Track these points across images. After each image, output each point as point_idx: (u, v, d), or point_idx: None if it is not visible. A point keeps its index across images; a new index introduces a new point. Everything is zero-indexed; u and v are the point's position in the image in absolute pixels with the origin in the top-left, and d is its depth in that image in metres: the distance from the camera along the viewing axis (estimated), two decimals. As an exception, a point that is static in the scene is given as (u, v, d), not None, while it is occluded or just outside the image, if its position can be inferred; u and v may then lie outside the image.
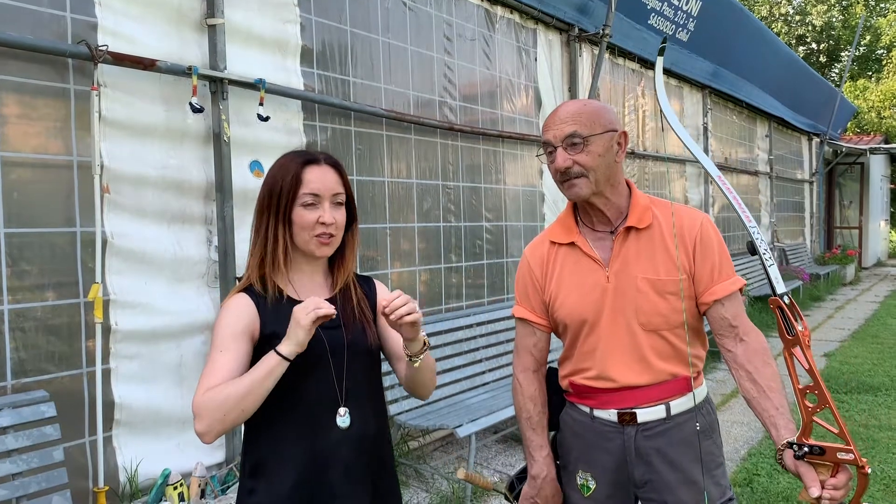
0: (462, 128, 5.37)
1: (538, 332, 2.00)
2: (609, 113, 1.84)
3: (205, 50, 3.63)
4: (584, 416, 1.93)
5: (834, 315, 10.78)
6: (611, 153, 1.82)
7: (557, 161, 1.80)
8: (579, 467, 1.94)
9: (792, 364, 1.60)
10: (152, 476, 3.32)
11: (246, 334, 1.66)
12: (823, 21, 25.06)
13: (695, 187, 9.65)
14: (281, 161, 1.76)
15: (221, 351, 1.63)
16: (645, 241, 1.86)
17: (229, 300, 1.71)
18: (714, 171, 1.88)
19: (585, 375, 1.90)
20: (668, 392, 1.85)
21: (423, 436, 4.83)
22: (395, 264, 4.86)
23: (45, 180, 3.10)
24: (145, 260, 3.38)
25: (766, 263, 1.69)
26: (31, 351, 3.03)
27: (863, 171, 18.11)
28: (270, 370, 1.57)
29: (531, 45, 6.28)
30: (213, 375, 1.59)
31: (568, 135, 1.78)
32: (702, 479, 1.86)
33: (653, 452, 1.85)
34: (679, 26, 8.10)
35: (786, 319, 1.60)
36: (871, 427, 5.22)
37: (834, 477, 1.52)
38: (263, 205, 1.72)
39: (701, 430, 1.88)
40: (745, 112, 11.59)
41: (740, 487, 4.18)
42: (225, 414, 1.55)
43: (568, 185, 1.83)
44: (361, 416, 1.73)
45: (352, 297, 1.80)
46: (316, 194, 1.69)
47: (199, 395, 1.57)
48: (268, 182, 1.73)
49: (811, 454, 1.54)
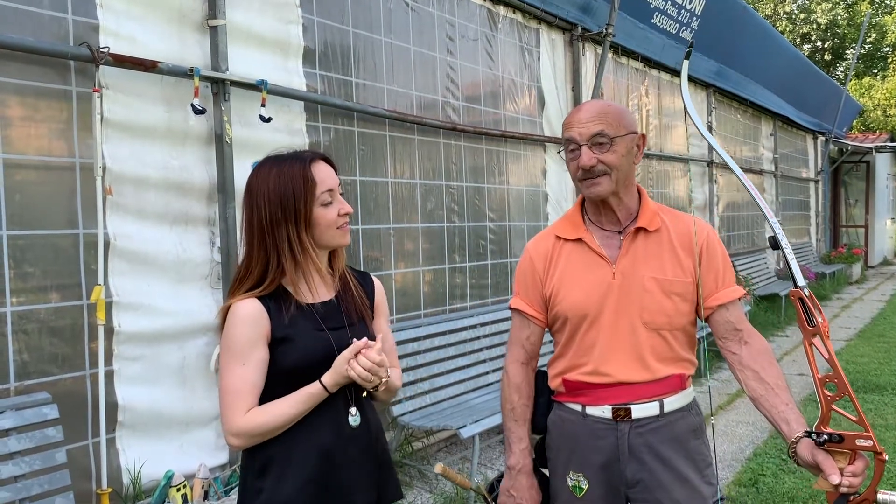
0: (465, 128, 5.36)
1: (532, 325, 2.02)
2: (630, 115, 1.90)
3: (206, 51, 3.63)
4: (574, 415, 1.94)
5: (840, 314, 10.74)
6: (631, 155, 1.88)
7: (583, 159, 1.82)
8: (570, 468, 1.94)
9: (812, 354, 1.65)
10: (155, 478, 3.32)
11: (262, 341, 1.67)
12: (828, 19, 24.97)
13: (699, 186, 9.62)
14: (274, 170, 1.71)
15: (244, 364, 1.65)
16: (653, 243, 1.90)
17: (239, 308, 1.68)
18: (739, 173, 1.97)
19: (581, 371, 1.91)
20: (663, 389, 1.88)
21: (426, 436, 4.82)
22: (398, 265, 4.85)
23: (48, 182, 3.10)
24: (148, 261, 3.38)
25: (788, 257, 1.75)
26: (34, 353, 3.03)
27: (868, 170, 18.04)
28: (314, 401, 1.67)
29: (534, 45, 6.26)
30: (244, 394, 1.65)
31: (595, 133, 1.81)
32: (693, 477, 1.88)
33: (645, 450, 1.86)
34: (683, 25, 8.08)
35: (807, 310, 1.65)
36: (877, 426, 5.19)
37: (852, 464, 1.53)
38: (276, 218, 1.68)
39: (692, 429, 1.91)
40: (749, 111, 11.56)
41: (745, 487, 4.16)
42: (266, 436, 1.67)
43: (590, 184, 1.86)
44: (367, 413, 1.80)
45: (353, 296, 1.83)
46: (332, 190, 1.73)
47: (240, 418, 1.63)
48: (273, 193, 1.69)
49: (831, 442, 1.55)
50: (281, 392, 1.68)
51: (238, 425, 1.63)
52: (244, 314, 1.67)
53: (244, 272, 1.74)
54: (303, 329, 1.71)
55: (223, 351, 1.69)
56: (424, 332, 4.75)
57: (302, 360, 1.69)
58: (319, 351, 1.70)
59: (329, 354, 1.70)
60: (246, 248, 1.75)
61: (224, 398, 1.66)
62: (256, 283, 1.71)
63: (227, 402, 1.65)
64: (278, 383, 1.69)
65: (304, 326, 1.71)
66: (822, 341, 1.62)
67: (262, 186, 1.70)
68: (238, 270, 1.77)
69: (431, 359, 4.71)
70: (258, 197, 1.71)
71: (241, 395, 1.64)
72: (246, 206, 1.74)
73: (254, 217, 1.72)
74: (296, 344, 1.69)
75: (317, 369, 1.69)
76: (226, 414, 1.65)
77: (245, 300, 1.69)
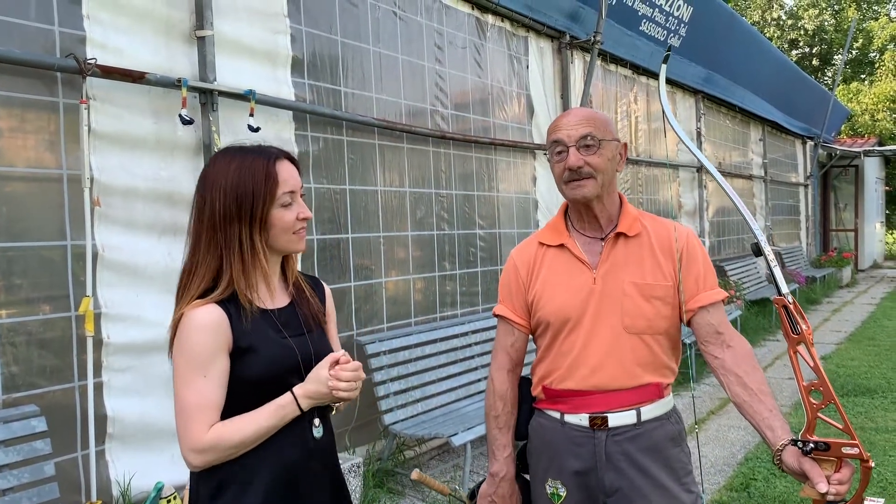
0: (454, 136, 5.38)
1: (516, 331, 2.04)
2: (614, 124, 1.95)
3: (194, 61, 3.63)
4: (553, 423, 1.94)
5: (830, 318, 10.78)
6: (614, 161, 1.91)
7: (570, 160, 1.85)
8: (549, 475, 1.95)
9: (797, 361, 1.64)
10: (145, 489, 3.30)
11: (223, 351, 1.54)
12: (815, 25, 25.14)
13: (688, 192, 9.66)
14: (235, 161, 1.59)
15: (205, 376, 1.51)
16: (634, 248, 1.92)
17: (197, 314, 1.52)
18: (720, 178, 1.98)
19: (560, 376, 1.91)
20: (640, 398, 1.88)
21: (418, 445, 4.82)
22: (389, 273, 4.86)
23: (36, 194, 3.10)
24: (136, 272, 3.37)
25: (772, 264, 1.76)
26: (22, 365, 3.02)
27: (857, 174, 18.15)
28: (284, 417, 1.56)
29: (523, 53, 6.29)
30: (206, 408, 1.51)
31: (583, 135, 1.85)
32: (671, 485, 1.88)
33: (622, 458, 1.86)
34: (671, 32, 8.13)
35: (791, 318, 1.64)
36: (867, 429, 5.21)
37: (838, 472, 1.54)
38: (230, 214, 1.56)
39: (670, 437, 1.91)
40: (738, 116, 11.62)
41: (737, 492, 4.17)
42: (230, 455, 1.54)
43: (575, 185, 1.88)
44: (327, 424, 1.72)
45: (308, 302, 1.74)
46: (293, 191, 1.62)
47: (203, 434, 1.49)
48: (230, 186, 1.56)
49: (817, 450, 1.55)
50: (242, 405, 1.55)
51: (203, 441, 1.49)
52: (204, 322, 1.52)
53: (189, 272, 1.59)
54: (265, 337, 1.58)
55: (179, 363, 1.52)
56: (415, 339, 4.75)
57: (267, 371, 1.57)
58: (285, 360, 1.59)
59: (293, 363, 1.60)
60: (192, 244, 1.61)
61: (183, 413, 1.50)
62: (210, 287, 1.57)
63: (187, 416, 1.50)
64: (239, 396, 1.55)
65: (266, 334, 1.59)
66: (806, 349, 1.61)
67: (220, 178, 1.58)
68: (182, 272, 1.61)
69: (422, 367, 4.71)
70: (213, 188, 1.58)
71: (204, 410, 1.50)
72: (198, 197, 1.61)
73: (205, 209, 1.58)
74: (259, 353, 1.56)
75: (284, 379, 1.58)
76: (187, 428, 1.50)
77: (203, 306, 1.53)
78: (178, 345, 1.53)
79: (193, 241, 1.60)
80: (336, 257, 4.45)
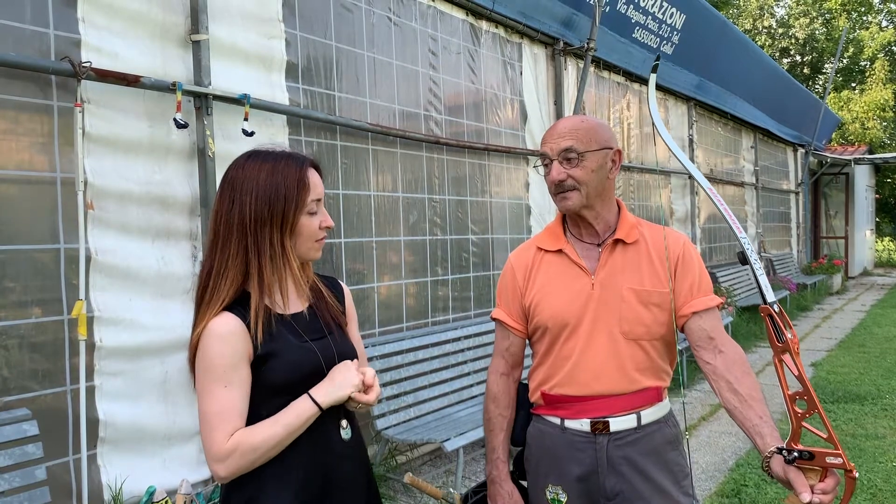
0: (448, 141, 5.39)
1: (512, 336, 2.05)
2: (606, 131, 1.92)
3: (189, 65, 3.63)
4: (553, 429, 1.95)
5: (821, 324, 10.84)
6: (604, 169, 1.90)
7: (552, 174, 1.87)
8: (549, 481, 1.95)
9: (782, 370, 1.63)
10: (137, 493, 3.29)
11: (244, 360, 1.53)
12: (806, 34, 25.33)
13: (680, 199, 9.71)
14: (267, 165, 1.58)
15: (226, 386, 1.50)
16: (631, 255, 1.93)
17: (215, 325, 1.52)
18: (706, 185, 1.96)
19: (559, 381, 1.92)
20: (640, 401, 1.89)
21: (410, 450, 4.81)
22: (382, 277, 4.86)
23: (29, 197, 3.09)
24: (130, 276, 3.36)
25: (757, 273, 1.74)
26: (14, 369, 3.01)
27: (848, 181, 18.27)
28: (306, 420, 1.54)
29: (516, 59, 6.32)
30: (229, 418, 1.49)
31: (564, 149, 1.86)
32: (671, 488, 1.89)
33: (624, 462, 1.88)
34: (663, 39, 8.18)
35: (776, 327, 1.64)
36: (858, 436, 5.24)
37: (822, 482, 1.54)
38: (262, 217, 1.53)
39: (668, 441, 1.93)
40: (730, 123, 11.69)
41: (728, 498, 4.18)
42: (254, 462, 1.51)
43: (560, 198, 1.90)
44: (354, 425, 1.71)
45: (327, 303, 1.73)
46: (319, 199, 1.61)
47: (225, 442, 1.48)
48: (263, 189, 1.54)
49: (801, 459, 1.56)
50: (267, 412, 1.53)
51: (225, 448, 1.47)
52: (223, 332, 1.51)
53: (215, 274, 1.55)
54: (286, 342, 1.57)
55: (201, 374, 1.51)
56: (408, 345, 4.76)
57: (291, 376, 1.55)
58: (307, 364, 1.58)
59: (316, 367, 1.59)
60: (218, 246, 1.56)
61: (206, 424, 1.49)
62: (235, 292, 1.55)
63: (209, 426, 1.48)
64: (262, 403, 1.55)
65: (287, 339, 1.58)
66: (791, 358, 1.61)
67: (250, 181, 1.55)
68: (203, 278, 1.57)
69: (415, 372, 4.72)
70: (243, 191, 1.54)
71: (225, 419, 1.48)
72: (225, 199, 1.57)
73: (234, 212, 1.54)
74: (281, 358, 1.55)
75: (307, 383, 1.57)
76: (209, 438, 1.48)
77: (221, 316, 1.52)
78: (200, 356, 1.52)
79: (220, 243, 1.57)
80: (328, 261, 4.45)
